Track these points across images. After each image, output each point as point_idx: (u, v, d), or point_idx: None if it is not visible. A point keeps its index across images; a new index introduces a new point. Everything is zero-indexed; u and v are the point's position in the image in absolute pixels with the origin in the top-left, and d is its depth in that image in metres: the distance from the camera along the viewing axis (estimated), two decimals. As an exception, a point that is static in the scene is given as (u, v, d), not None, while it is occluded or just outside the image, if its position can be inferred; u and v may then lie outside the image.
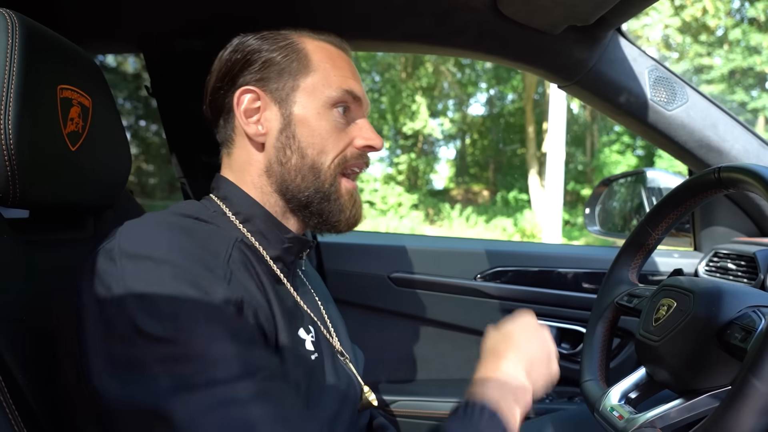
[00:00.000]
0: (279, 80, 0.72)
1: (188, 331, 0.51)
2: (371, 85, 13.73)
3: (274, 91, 0.72)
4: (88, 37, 1.18)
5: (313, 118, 0.71)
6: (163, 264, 0.55)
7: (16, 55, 0.60)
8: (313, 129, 0.71)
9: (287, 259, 0.74)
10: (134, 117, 10.25)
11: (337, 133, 0.72)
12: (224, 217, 0.71)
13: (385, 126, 13.66)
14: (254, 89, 0.72)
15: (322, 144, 0.71)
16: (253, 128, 0.71)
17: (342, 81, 0.73)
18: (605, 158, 12.60)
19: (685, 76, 1.57)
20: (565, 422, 1.08)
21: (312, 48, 0.74)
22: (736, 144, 1.19)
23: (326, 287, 1.00)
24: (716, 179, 0.75)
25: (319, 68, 0.72)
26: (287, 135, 0.71)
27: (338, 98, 0.72)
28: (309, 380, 0.66)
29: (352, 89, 0.73)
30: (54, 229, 0.75)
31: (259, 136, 0.72)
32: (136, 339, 0.51)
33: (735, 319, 0.64)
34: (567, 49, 1.11)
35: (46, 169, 0.65)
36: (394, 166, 13.70)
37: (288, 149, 0.71)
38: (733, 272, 1.21)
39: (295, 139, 0.71)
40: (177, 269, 0.54)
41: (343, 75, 0.74)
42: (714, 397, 0.66)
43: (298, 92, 0.72)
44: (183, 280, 0.54)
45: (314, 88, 0.72)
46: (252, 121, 0.72)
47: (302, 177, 0.71)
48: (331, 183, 0.72)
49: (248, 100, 0.72)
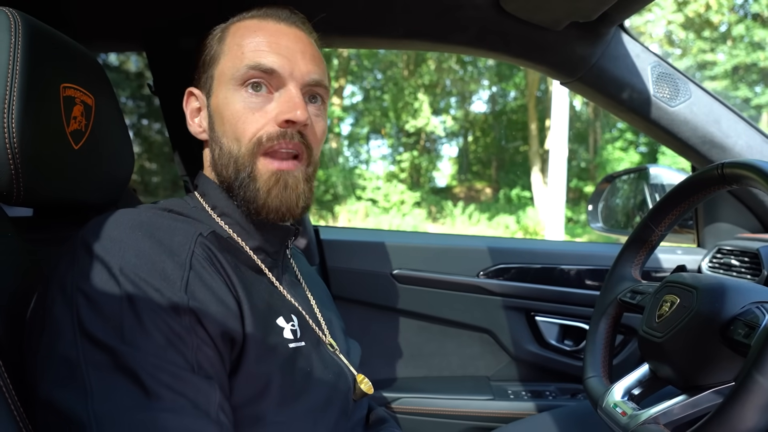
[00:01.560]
0: (204, 75, 0.74)
1: (129, 344, 0.52)
2: (373, 83, 13.72)
3: (202, 88, 0.74)
4: (90, 36, 1.18)
5: (222, 105, 0.70)
6: (117, 272, 0.55)
7: (19, 54, 0.60)
8: (224, 116, 0.70)
9: (270, 248, 0.75)
10: (137, 116, 10.26)
11: (250, 114, 0.68)
12: (204, 212, 0.73)
13: (388, 124, 13.65)
14: (192, 90, 0.75)
15: (233, 130, 0.69)
16: (194, 128, 0.75)
17: (248, 57, 0.68)
18: (608, 155, 12.57)
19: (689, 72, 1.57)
20: (568, 419, 1.08)
21: (231, 31, 0.72)
22: (739, 140, 1.19)
23: (326, 284, 1.00)
24: (719, 175, 0.75)
25: (228, 51, 0.71)
26: (212, 128, 0.73)
27: (243, 76, 0.68)
28: (287, 367, 0.67)
29: (258, 62, 0.67)
30: (57, 227, 0.75)
31: (201, 134, 0.75)
32: (76, 339, 0.52)
33: (738, 315, 0.64)
34: (569, 46, 1.10)
35: (49, 167, 0.65)
36: (396, 164, 13.69)
37: (214, 142, 0.73)
38: (736, 268, 1.21)
39: (215, 131, 0.72)
40: (129, 278, 0.55)
41: (252, 50, 0.68)
42: (717, 393, 0.66)
43: (214, 82, 0.72)
44: (135, 289, 0.55)
45: (222, 73, 0.70)
46: (196, 122, 0.75)
47: (225, 167, 0.71)
48: (247, 166, 0.69)
49: (191, 101, 0.75)
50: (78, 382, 0.51)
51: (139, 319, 0.54)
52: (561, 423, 1.05)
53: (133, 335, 0.53)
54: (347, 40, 1.26)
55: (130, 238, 0.59)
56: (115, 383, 0.51)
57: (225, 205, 0.73)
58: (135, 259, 0.57)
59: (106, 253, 0.57)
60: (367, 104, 14.06)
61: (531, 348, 1.46)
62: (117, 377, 0.51)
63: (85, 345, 0.52)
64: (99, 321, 0.53)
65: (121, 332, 0.53)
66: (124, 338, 0.52)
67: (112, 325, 0.53)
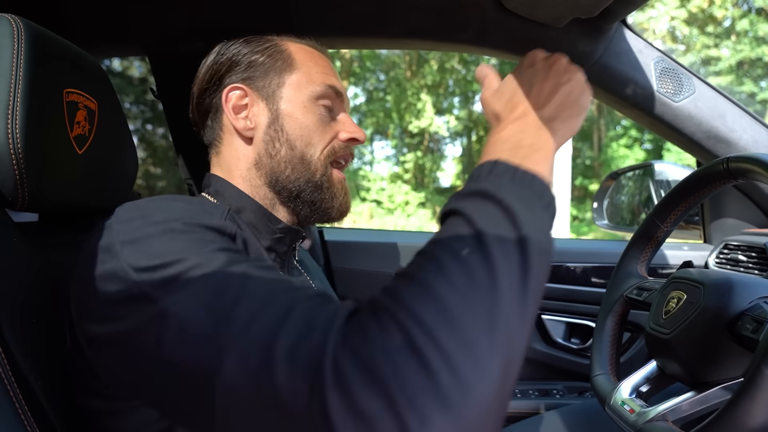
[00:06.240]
0: (265, 78, 0.76)
1: (185, 257, 0.48)
2: (376, 84, 13.74)
3: (261, 88, 0.76)
4: (93, 41, 1.19)
5: (299, 112, 0.75)
6: (158, 219, 0.53)
7: (22, 60, 0.60)
8: (300, 122, 0.74)
9: (279, 249, 0.76)
10: (141, 121, 10.32)
11: (323, 126, 0.76)
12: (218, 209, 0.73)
13: (391, 125, 13.67)
14: (242, 86, 0.75)
15: (310, 136, 0.75)
16: (242, 123, 0.75)
17: (324, 77, 0.77)
18: (613, 152, 12.53)
19: (692, 68, 1.56)
20: (576, 417, 1.07)
21: (294, 49, 0.78)
22: (744, 134, 1.18)
23: (332, 285, 1.00)
24: (725, 170, 0.75)
25: (302, 66, 0.77)
26: (275, 128, 0.74)
27: (322, 93, 0.76)
28: None
29: (334, 85, 0.77)
30: (63, 232, 0.75)
31: (248, 131, 0.75)
32: (132, 276, 0.48)
33: (746, 311, 0.64)
34: (571, 43, 1.10)
35: (53, 172, 0.65)
36: (400, 165, 13.71)
37: (277, 142, 0.74)
38: (743, 264, 1.20)
39: (284, 132, 0.74)
40: (168, 219, 0.53)
41: (324, 72, 0.78)
42: (726, 390, 0.66)
43: (284, 88, 0.75)
44: (174, 224, 0.52)
45: (299, 83, 0.76)
46: (241, 116, 0.75)
47: (292, 168, 0.74)
48: (323, 173, 0.75)
49: (236, 96, 0.75)
50: (147, 304, 0.47)
51: (188, 242, 0.51)
52: (569, 421, 1.05)
53: (186, 254, 0.49)
54: (349, 40, 1.26)
55: (164, 202, 0.58)
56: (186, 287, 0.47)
57: (243, 203, 0.74)
58: (177, 212, 0.55)
59: (145, 212, 0.54)
60: (370, 105, 14.09)
61: (538, 346, 1.46)
62: (183, 283, 0.47)
63: (141, 275, 0.48)
64: (147, 256, 0.49)
65: (171, 255, 0.49)
66: (178, 257, 0.48)
67: (160, 255, 0.49)
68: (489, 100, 0.58)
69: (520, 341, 0.40)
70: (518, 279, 0.40)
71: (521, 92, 0.56)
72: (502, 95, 0.57)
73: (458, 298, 0.38)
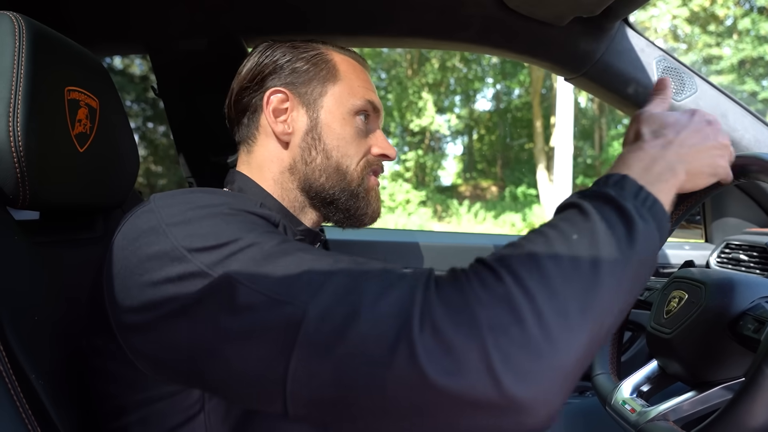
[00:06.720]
0: (308, 85, 0.76)
1: (240, 237, 0.51)
2: (378, 83, 13.72)
3: (303, 95, 0.76)
4: (94, 39, 1.19)
5: (338, 123, 0.76)
6: (203, 204, 0.56)
7: (23, 58, 0.60)
8: (337, 133, 0.76)
9: None
10: (142, 119, 10.32)
11: (359, 139, 0.77)
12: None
13: (392, 123, 13.66)
14: (284, 91, 0.76)
15: (346, 147, 0.76)
16: (280, 127, 0.75)
17: (365, 92, 0.79)
18: (614, 152, 12.51)
19: (694, 67, 1.55)
20: (577, 416, 1.07)
21: (338, 60, 0.79)
22: (746, 134, 1.18)
23: None
24: (727, 169, 0.74)
25: (345, 78, 0.78)
26: (313, 136, 0.75)
27: (361, 107, 0.77)
28: None
29: (373, 100, 0.79)
30: (64, 230, 0.75)
31: (286, 135, 0.75)
32: (186, 257, 0.50)
33: (748, 310, 0.64)
34: (573, 41, 1.10)
35: (55, 170, 0.65)
36: (401, 163, 13.69)
37: (313, 149, 0.75)
38: (745, 263, 1.20)
39: (321, 141, 0.75)
40: (213, 204, 0.56)
41: (365, 87, 0.79)
42: (727, 389, 0.66)
43: (325, 98, 0.76)
44: (221, 208, 0.55)
45: (341, 95, 0.77)
46: (280, 120, 0.76)
47: (327, 176, 0.76)
48: (359, 183, 0.77)
49: (277, 100, 0.76)
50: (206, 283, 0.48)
51: (234, 224, 0.53)
52: (569, 420, 1.05)
53: (235, 234, 0.51)
54: (351, 39, 1.26)
55: (203, 192, 0.59)
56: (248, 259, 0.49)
57: (266, 204, 0.74)
58: (220, 199, 0.57)
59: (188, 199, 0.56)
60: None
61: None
62: (243, 254, 0.49)
63: (196, 255, 0.49)
64: (199, 238, 0.51)
65: (222, 236, 0.51)
66: (229, 237, 0.51)
67: (212, 237, 0.51)
68: (645, 117, 0.60)
69: (607, 328, 0.43)
70: (618, 274, 0.43)
71: (675, 129, 0.57)
72: (656, 120, 0.59)
73: (560, 271, 0.42)
